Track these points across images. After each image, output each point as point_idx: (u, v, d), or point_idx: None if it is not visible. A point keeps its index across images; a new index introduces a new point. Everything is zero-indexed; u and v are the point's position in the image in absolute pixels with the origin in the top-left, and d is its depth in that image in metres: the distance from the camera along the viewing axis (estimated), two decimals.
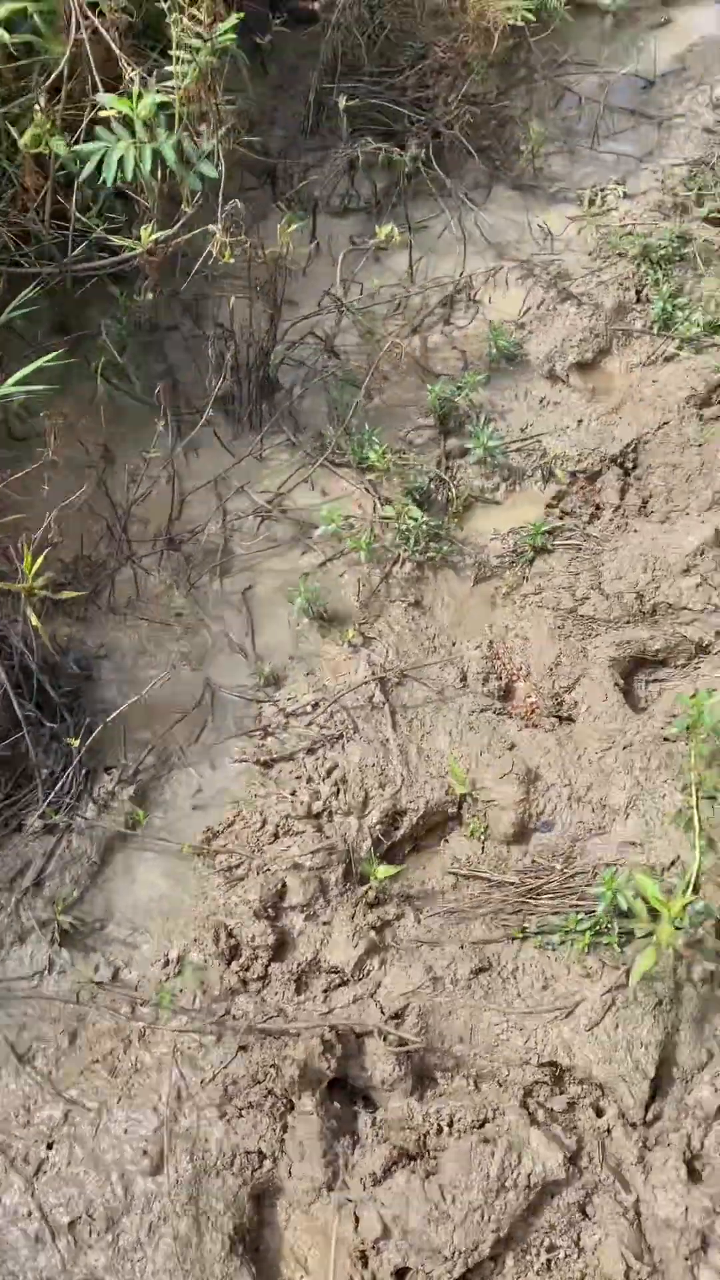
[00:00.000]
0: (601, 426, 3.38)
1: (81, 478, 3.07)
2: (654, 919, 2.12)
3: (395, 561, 3.11)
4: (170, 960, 2.39)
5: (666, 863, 2.39)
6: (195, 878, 2.51)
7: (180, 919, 2.46)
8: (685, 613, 2.86)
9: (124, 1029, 2.29)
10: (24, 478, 2.77)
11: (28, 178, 2.87)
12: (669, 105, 4.46)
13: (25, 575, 2.43)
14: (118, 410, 3.28)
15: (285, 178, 4.04)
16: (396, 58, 4.21)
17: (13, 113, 2.86)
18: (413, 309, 3.73)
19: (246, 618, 3.00)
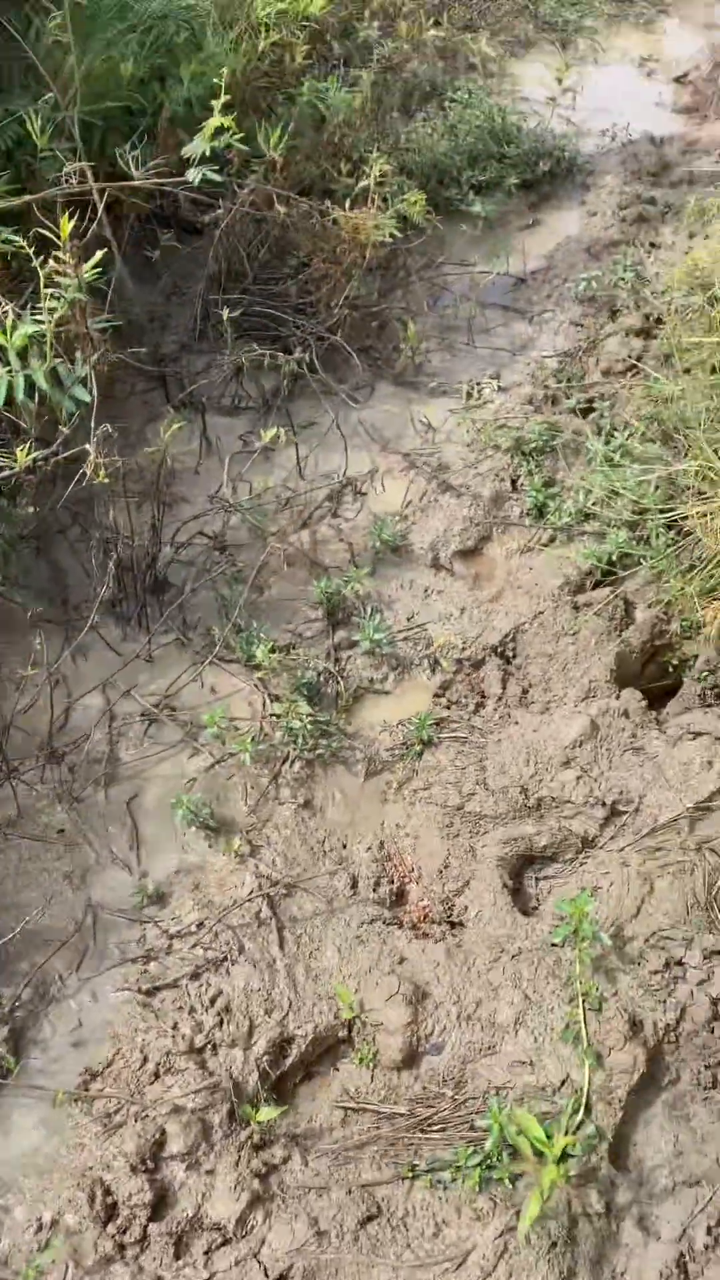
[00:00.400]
0: (483, 615, 3.47)
1: None
2: (540, 1157, 2.05)
3: (284, 760, 3.10)
4: (44, 1225, 2.24)
5: (557, 1082, 2.32)
6: (72, 1127, 2.37)
7: (55, 1175, 2.31)
8: (568, 806, 2.88)
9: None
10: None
11: None
12: (538, 302, 4.77)
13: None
14: (5, 618, 3.28)
15: (176, 381, 4.19)
16: (280, 267, 4.46)
17: None
18: (301, 504, 3.84)
19: (131, 830, 2.95)
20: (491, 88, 5.97)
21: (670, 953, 2.49)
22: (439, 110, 5.57)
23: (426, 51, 5.90)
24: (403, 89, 5.58)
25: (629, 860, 2.70)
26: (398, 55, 5.67)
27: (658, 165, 5.48)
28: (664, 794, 2.81)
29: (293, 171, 4.59)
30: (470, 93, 5.68)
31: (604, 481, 3.61)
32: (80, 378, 3.01)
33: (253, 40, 4.60)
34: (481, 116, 5.43)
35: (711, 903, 2.57)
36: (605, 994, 2.43)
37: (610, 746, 2.95)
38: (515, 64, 6.34)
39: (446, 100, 5.63)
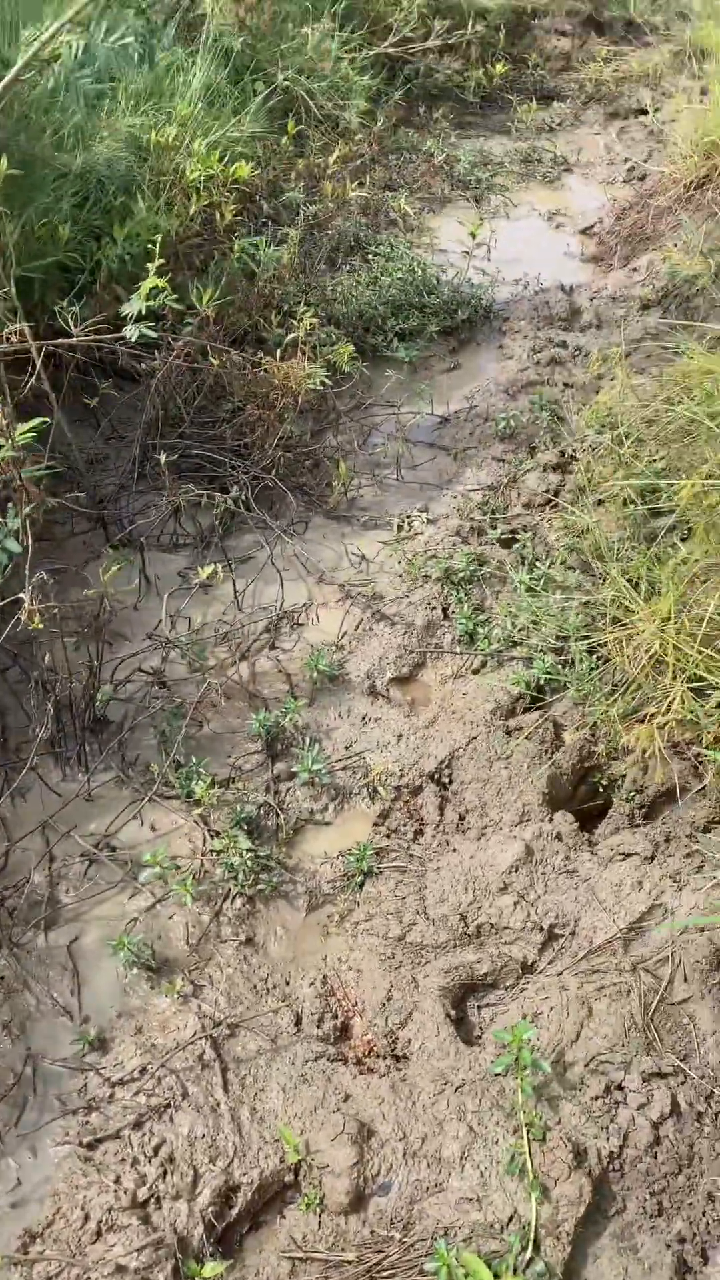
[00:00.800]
0: (419, 741, 3.57)
1: None
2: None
3: (225, 897, 3.12)
4: None
5: (505, 1218, 2.31)
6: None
7: None
8: (507, 931, 2.93)
9: None
10: None
11: None
12: (462, 439, 5.03)
13: None
14: None
15: (115, 521, 4.32)
16: (216, 411, 4.68)
17: None
18: (239, 637, 3.94)
19: (72, 974, 2.92)
20: (412, 241, 6.40)
21: (610, 1077, 2.52)
22: (363, 263, 5.95)
23: (350, 209, 6.33)
24: (329, 244, 5.96)
25: (567, 984, 2.75)
26: (323, 213, 6.09)
27: (568, 311, 5.89)
28: (598, 916, 2.88)
29: (226, 323, 4.86)
30: (392, 246, 6.09)
31: (528, 609, 3.78)
32: (12, 530, 3.12)
33: (185, 202, 4.92)
34: (403, 269, 5.82)
35: (648, 1024, 2.62)
36: (549, 1123, 2.44)
37: (545, 870, 3.03)
38: (433, 219, 6.82)
39: (370, 254, 6.02)
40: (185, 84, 5.73)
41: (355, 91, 7.06)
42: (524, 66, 8.69)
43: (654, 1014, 2.65)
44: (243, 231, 5.47)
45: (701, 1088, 2.49)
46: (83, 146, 4.75)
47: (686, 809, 3.11)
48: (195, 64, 5.81)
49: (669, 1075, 2.52)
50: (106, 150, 4.89)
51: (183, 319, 4.46)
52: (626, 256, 6.38)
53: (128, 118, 5.02)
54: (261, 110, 6.12)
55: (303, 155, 6.42)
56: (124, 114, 5.05)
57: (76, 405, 4.56)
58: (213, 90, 5.98)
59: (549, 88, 8.68)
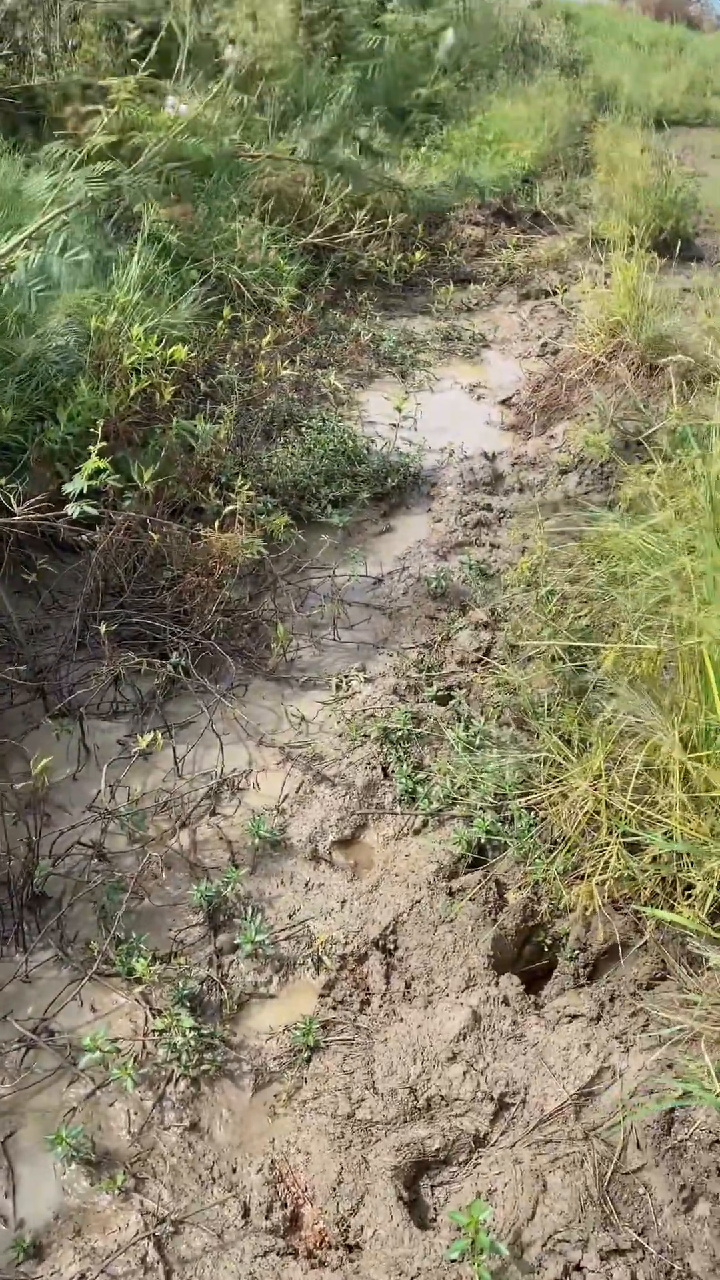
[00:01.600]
0: (364, 906, 3.56)
1: None
2: None
3: (168, 1080, 3.02)
4: None
5: None
6: None
7: None
8: (457, 1103, 2.87)
9: None
10: None
11: None
12: (397, 598, 5.22)
13: None
14: None
15: (55, 691, 4.35)
16: (156, 579, 4.80)
17: None
18: (180, 805, 3.94)
19: (7, 1173, 2.78)
20: (342, 415, 6.75)
21: (568, 1257, 2.45)
22: (297, 435, 6.25)
23: (283, 386, 6.70)
24: (263, 419, 6.27)
25: (521, 1157, 2.69)
26: (257, 391, 6.43)
27: (491, 477, 6.22)
28: (548, 1082, 2.85)
29: (166, 495, 5.05)
30: (324, 420, 6.42)
31: (466, 766, 3.86)
32: None
33: (125, 383, 5.17)
34: (334, 440, 6.12)
35: (604, 1196, 2.57)
36: None
37: (493, 1036, 3.00)
38: (362, 394, 7.23)
39: (303, 427, 6.33)
40: (124, 275, 6.11)
41: (285, 278, 7.57)
42: (442, 253, 9.41)
43: (609, 1184, 2.60)
44: (181, 409, 5.75)
45: (661, 1263, 2.43)
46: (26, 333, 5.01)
47: (629, 966, 3.13)
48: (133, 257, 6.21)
49: (627, 1251, 2.45)
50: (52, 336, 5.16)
51: (123, 494, 4.63)
52: (544, 425, 6.80)
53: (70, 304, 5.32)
54: (198, 297, 6.52)
55: (237, 337, 6.81)
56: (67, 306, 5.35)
57: (16, 579, 4.65)
58: (151, 279, 6.39)
59: (466, 272, 9.39)
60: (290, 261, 7.78)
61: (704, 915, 2.83)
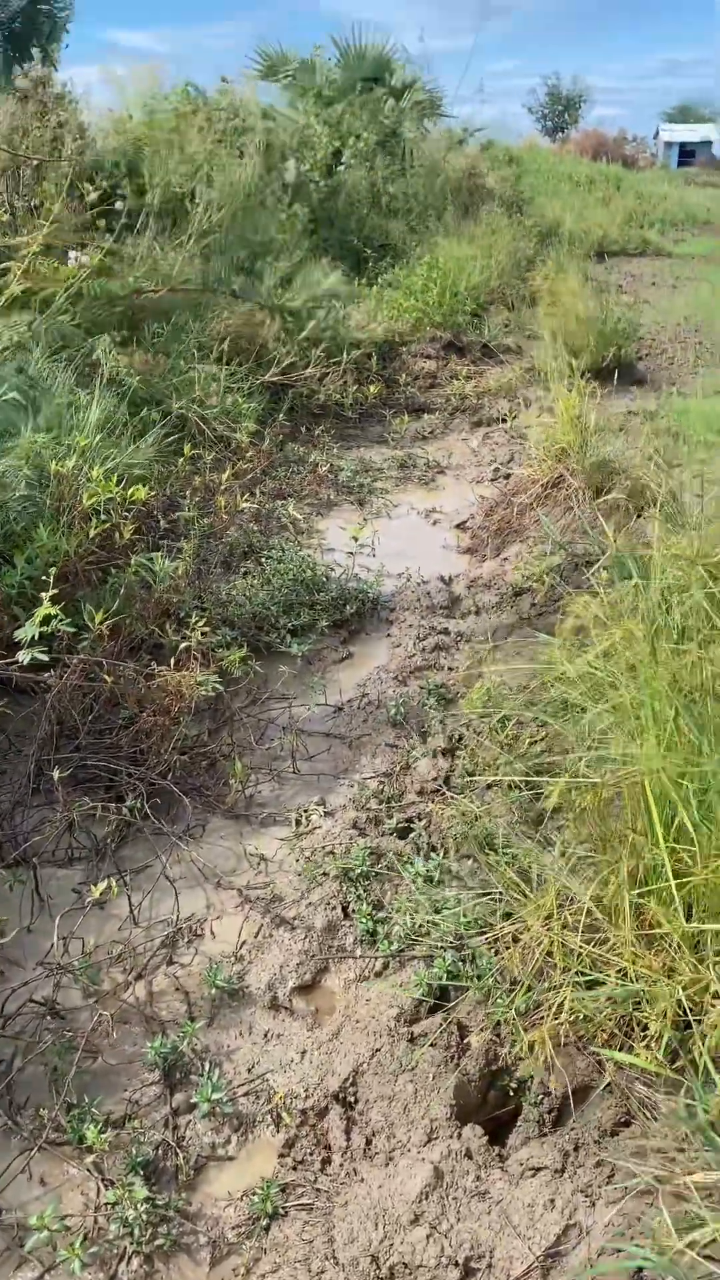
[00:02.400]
0: (324, 1056, 3.46)
1: None
2: None
3: (120, 1258, 2.88)
4: None
5: None
6: None
7: None
8: (421, 1271, 2.74)
9: None
10: None
11: None
12: (356, 726, 5.23)
13: None
14: None
15: (10, 839, 4.30)
16: (112, 720, 4.81)
17: None
18: (135, 955, 3.86)
19: None
20: (301, 543, 6.90)
21: None
22: (257, 566, 6.37)
23: (243, 518, 6.85)
24: (223, 551, 6.40)
25: None
26: (218, 524, 6.58)
27: (448, 600, 6.33)
28: (514, 1243, 2.74)
29: (124, 632, 5.10)
30: (283, 550, 6.55)
31: (426, 903, 3.82)
32: None
33: (84, 524, 5.28)
34: (294, 570, 6.24)
35: None
36: None
37: (456, 1194, 2.89)
38: (321, 521, 7.40)
39: (263, 557, 6.46)
40: (84, 419, 6.30)
41: (244, 415, 7.83)
42: (396, 385, 9.78)
43: None
44: (141, 546, 5.86)
45: None
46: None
47: (593, 1111, 3.05)
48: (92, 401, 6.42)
49: None
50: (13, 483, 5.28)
51: (78, 636, 4.68)
52: (498, 548, 6.96)
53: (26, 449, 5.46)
54: (158, 437, 6.72)
55: (199, 473, 7.00)
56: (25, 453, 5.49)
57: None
58: (111, 421, 6.59)
59: (419, 402, 9.74)
60: (249, 399, 8.06)
61: (661, 1056, 2.78)
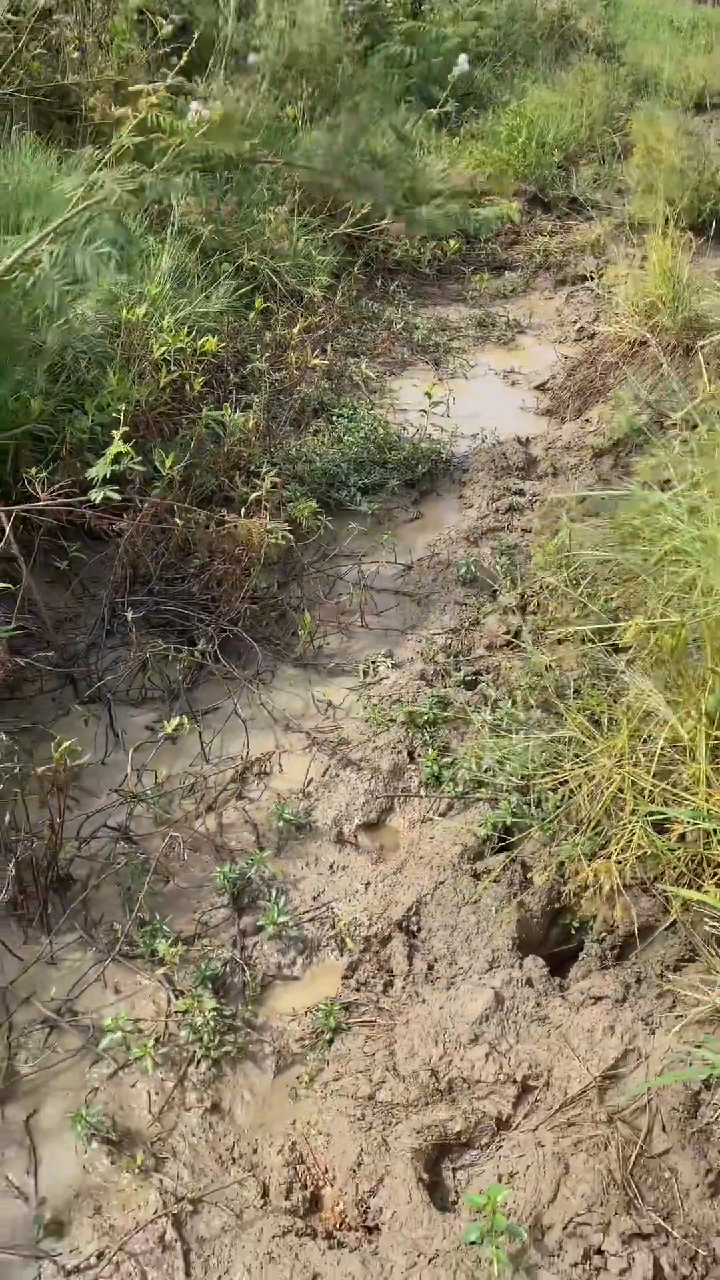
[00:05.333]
0: (387, 888, 3.52)
1: None
2: None
3: (190, 1061, 3.02)
4: None
5: None
6: None
7: None
8: (480, 1086, 2.83)
9: None
10: None
11: None
12: (425, 585, 5.17)
13: None
14: None
15: (84, 677, 4.37)
16: (184, 568, 4.80)
17: None
18: (206, 788, 3.94)
19: (29, 1152, 2.80)
20: (374, 403, 6.71)
21: (589, 1240, 2.40)
22: (327, 424, 6.22)
23: (314, 375, 6.67)
24: (293, 408, 6.25)
25: (543, 1140, 2.64)
26: (288, 380, 6.42)
27: (525, 461, 6.15)
28: (572, 1064, 2.79)
29: (194, 484, 5.06)
30: (354, 408, 6.38)
31: (492, 749, 3.81)
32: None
33: (154, 374, 5.19)
34: (365, 428, 6.09)
35: (628, 1180, 2.51)
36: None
37: (516, 1019, 2.95)
38: (394, 381, 7.18)
39: (333, 416, 6.31)
40: (155, 266, 6.13)
41: (317, 268, 7.55)
42: (476, 241, 9.32)
43: (633, 1168, 2.54)
44: (211, 399, 5.75)
45: (685, 1248, 2.37)
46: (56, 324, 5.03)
47: (657, 948, 3.06)
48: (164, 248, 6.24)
49: (650, 1236, 2.40)
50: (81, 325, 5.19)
51: (150, 482, 4.65)
52: (579, 409, 6.70)
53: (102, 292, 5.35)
54: (229, 288, 6.53)
55: (269, 327, 6.80)
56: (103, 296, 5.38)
57: (48, 567, 4.69)
58: (182, 271, 6.41)
59: (501, 259, 9.29)
60: (322, 252, 7.76)
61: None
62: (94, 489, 4.08)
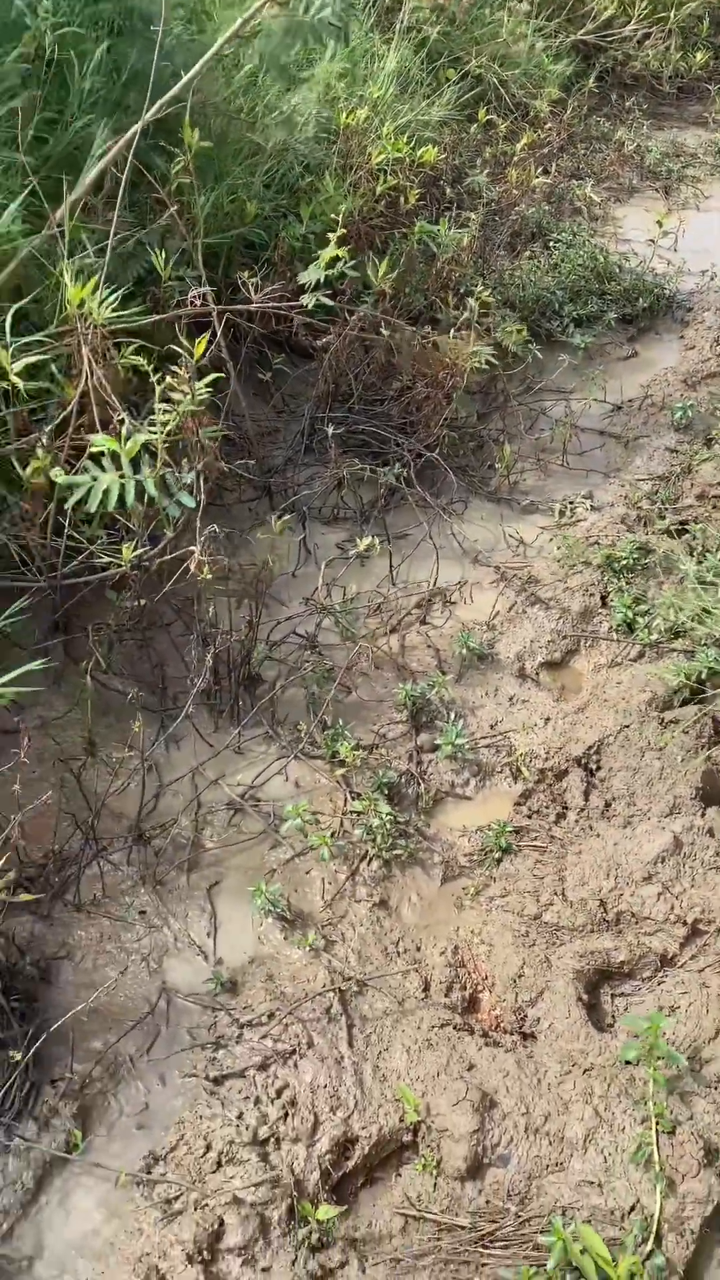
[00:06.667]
0: (568, 726, 3.49)
1: (63, 770, 3.18)
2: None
3: (362, 858, 3.13)
4: None
5: (626, 1207, 2.24)
6: (132, 1210, 2.37)
7: (111, 1259, 2.30)
8: (648, 922, 2.83)
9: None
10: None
11: (28, 503, 3.17)
12: (635, 427, 4.90)
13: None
14: (105, 705, 3.44)
15: (281, 491, 4.40)
16: (384, 389, 4.70)
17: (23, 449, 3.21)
18: (391, 610, 3.96)
19: (210, 917, 3.00)
20: (595, 229, 6.28)
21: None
22: (544, 249, 5.87)
23: (534, 196, 6.26)
24: (509, 229, 5.91)
25: (709, 982, 2.64)
26: (506, 199, 6.05)
27: None
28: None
29: (401, 302, 4.89)
30: (574, 234, 5.99)
31: (696, 601, 3.65)
32: (186, 485, 3.22)
33: (370, 183, 4.97)
34: (584, 256, 5.71)
35: None
36: (679, 1117, 2.35)
37: (693, 864, 2.91)
38: (619, 208, 6.67)
39: (551, 240, 5.94)
40: (379, 68, 5.79)
41: (548, 79, 6.98)
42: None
43: None
44: (424, 214, 5.49)
45: None
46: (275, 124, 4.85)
47: None
48: (389, 50, 5.86)
49: None
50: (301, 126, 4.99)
51: (359, 295, 4.51)
52: None
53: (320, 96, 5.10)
54: (452, 96, 6.12)
55: (490, 142, 6.39)
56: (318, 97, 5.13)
57: (252, 378, 4.67)
58: (405, 75, 6.03)
59: None
60: (555, 61, 7.15)
61: None
62: (306, 294, 3.99)
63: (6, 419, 3.26)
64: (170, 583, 3.39)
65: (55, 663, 3.39)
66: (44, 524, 3.30)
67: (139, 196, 4.09)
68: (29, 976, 2.74)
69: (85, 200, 3.69)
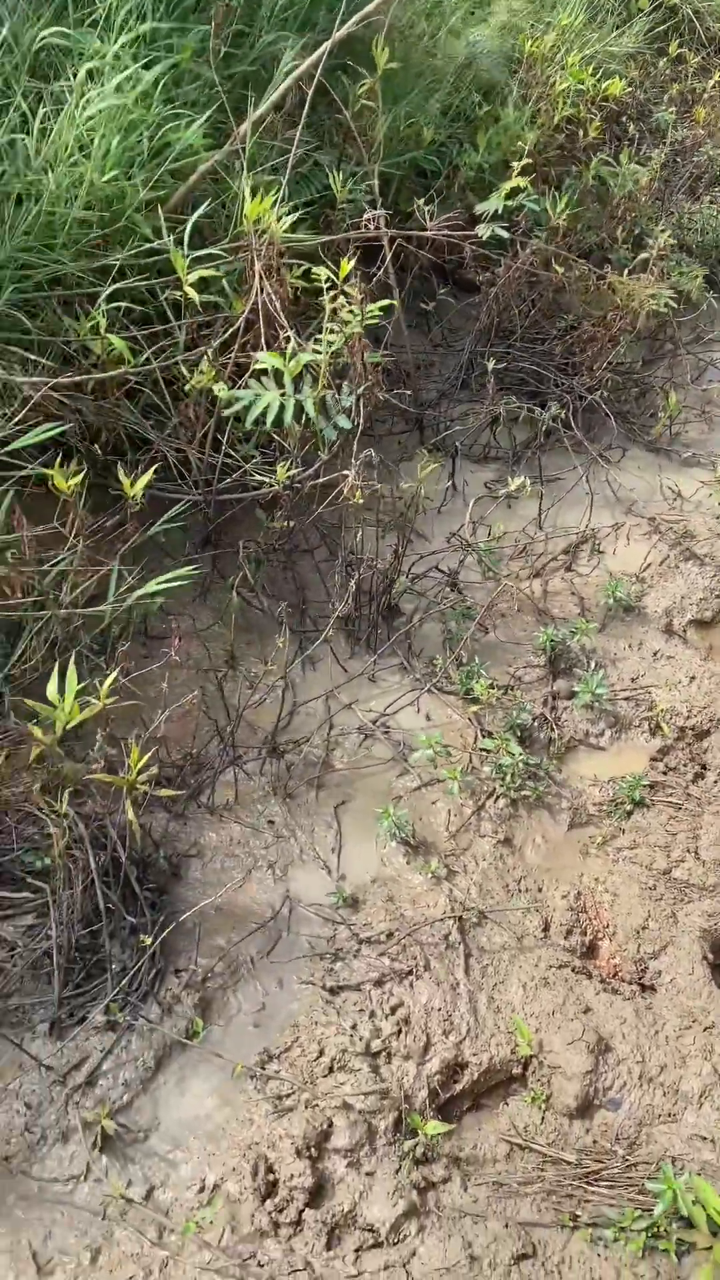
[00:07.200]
0: (714, 686, 3.38)
1: (205, 679, 3.26)
2: (715, 1234, 1.94)
3: (490, 795, 3.13)
4: (206, 1187, 2.32)
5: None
6: (244, 1101, 2.45)
7: (223, 1143, 2.39)
8: None
9: (147, 1257, 2.20)
10: (147, 674, 2.98)
11: (191, 412, 3.22)
12: None
13: (130, 769, 2.56)
14: (248, 620, 3.50)
15: (433, 425, 4.36)
16: (548, 327, 4.58)
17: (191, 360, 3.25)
18: (536, 554, 3.89)
19: (335, 833, 3.04)
20: None
21: None
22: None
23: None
24: (693, 171, 5.63)
25: None
26: (692, 139, 5.76)
27: None
28: None
29: (574, 239, 4.73)
30: None
31: None
32: (345, 407, 3.21)
33: (549, 114, 4.80)
34: None
35: None
36: None
37: None
38: None
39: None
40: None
41: None
42: None
43: None
44: (604, 150, 5.28)
45: None
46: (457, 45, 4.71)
47: None
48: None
49: None
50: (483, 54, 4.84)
51: (532, 230, 4.38)
52: None
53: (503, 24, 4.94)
54: (642, 27, 5.84)
55: (679, 78, 6.07)
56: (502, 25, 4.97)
57: (414, 309, 4.61)
58: (595, 3, 5.77)
59: None
60: None
61: None
62: (482, 224, 3.90)
63: (176, 330, 3.31)
64: (320, 507, 3.41)
65: (204, 572, 3.46)
66: (203, 439, 3.36)
67: (315, 117, 4.05)
68: (161, 870, 2.84)
69: (267, 117, 3.67)
